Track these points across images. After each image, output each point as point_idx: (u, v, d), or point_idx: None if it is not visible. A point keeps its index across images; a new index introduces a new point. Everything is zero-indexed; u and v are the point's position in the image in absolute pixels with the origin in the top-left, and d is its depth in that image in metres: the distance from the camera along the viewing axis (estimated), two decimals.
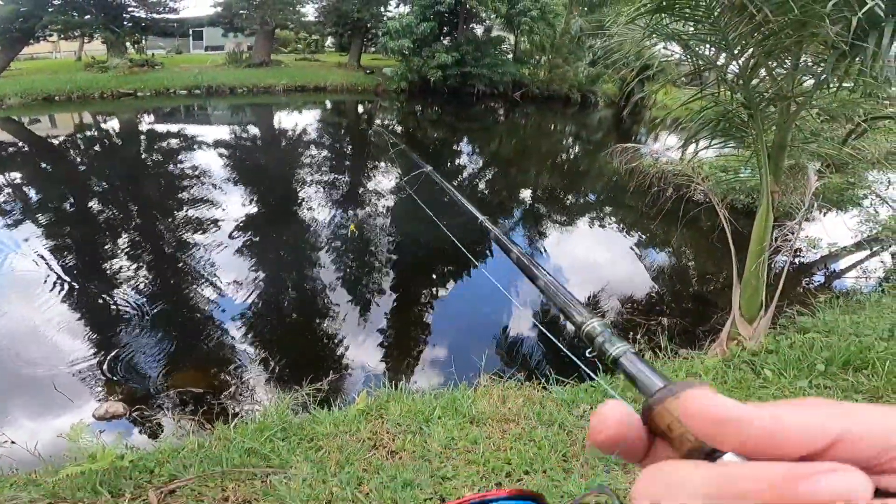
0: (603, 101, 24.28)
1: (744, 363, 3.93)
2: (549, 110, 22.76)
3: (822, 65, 3.45)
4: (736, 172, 6.37)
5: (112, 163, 12.37)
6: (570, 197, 11.65)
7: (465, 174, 12.86)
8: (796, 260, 7.40)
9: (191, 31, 31.74)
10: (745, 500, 0.22)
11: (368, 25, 26.54)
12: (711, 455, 0.26)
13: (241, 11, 23.99)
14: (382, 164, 12.69)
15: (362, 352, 5.15)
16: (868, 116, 4.13)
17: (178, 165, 12.02)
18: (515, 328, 5.80)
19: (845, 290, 6.43)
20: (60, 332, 5.11)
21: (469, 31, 24.29)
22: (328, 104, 22.20)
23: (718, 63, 3.84)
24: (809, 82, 3.74)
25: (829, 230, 7.94)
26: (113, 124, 16.64)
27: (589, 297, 6.42)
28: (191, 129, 15.66)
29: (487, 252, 7.51)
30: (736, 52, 3.49)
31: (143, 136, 15.01)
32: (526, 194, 11.69)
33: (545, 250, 8.26)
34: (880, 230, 7.72)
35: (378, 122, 19.67)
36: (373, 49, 30.15)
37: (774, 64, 3.69)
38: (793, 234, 4.28)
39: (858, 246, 7.75)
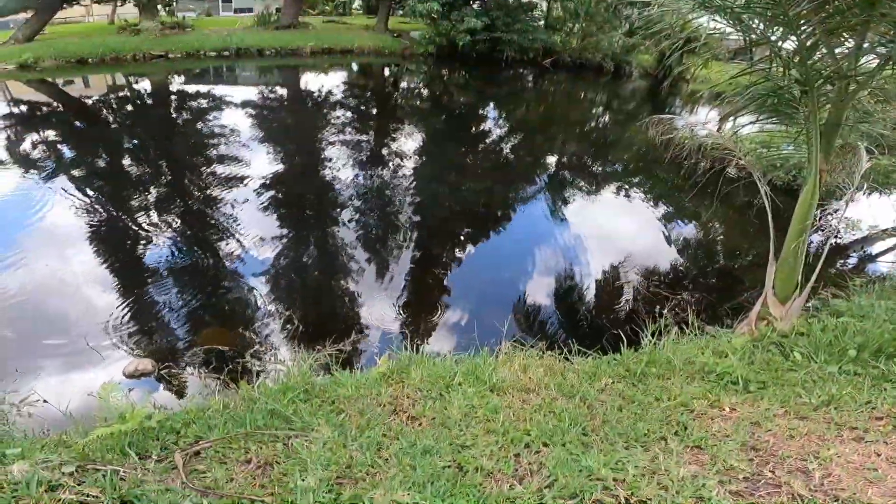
0: (637, 72, 23.46)
1: (772, 344, 3.81)
2: (581, 79, 22.09)
3: (888, 45, 3.26)
4: (778, 149, 6.12)
5: (144, 122, 12.51)
6: (597, 166, 11.40)
7: (490, 139, 12.65)
8: (833, 241, 7.15)
9: None
10: None
11: None
12: None
13: None
14: (407, 126, 12.55)
15: (384, 313, 5.17)
16: None
17: (208, 124, 12.08)
18: (537, 295, 5.76)
19: (882, 274, 6.19)
20: (93, 287, 5.23)
21: None
22: (354, 67, 21.93)
23: (773, 38, 3.65)
24: (869, 61, 3.54)
25: (870, 212, 7.60)
26: (145, 85, 16.78)
27: (614, 267, 6.32)
28: (220, 90, 15.70)
29: (511, 215, 7.40)
30: (796, 28, 3.30)
31: (173, 97, 15.10)
32: (552, 161, 11.47)
33: (570, 217, 8.13)
34: None
35: (404, 85, 19.39)
36: (400, 12, 29.41)
37: (836, 42, 3.50)
38: (840, 214, 4.10)
39: None
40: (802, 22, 3.31)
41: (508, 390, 3.04)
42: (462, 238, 7.08)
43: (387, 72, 21.91)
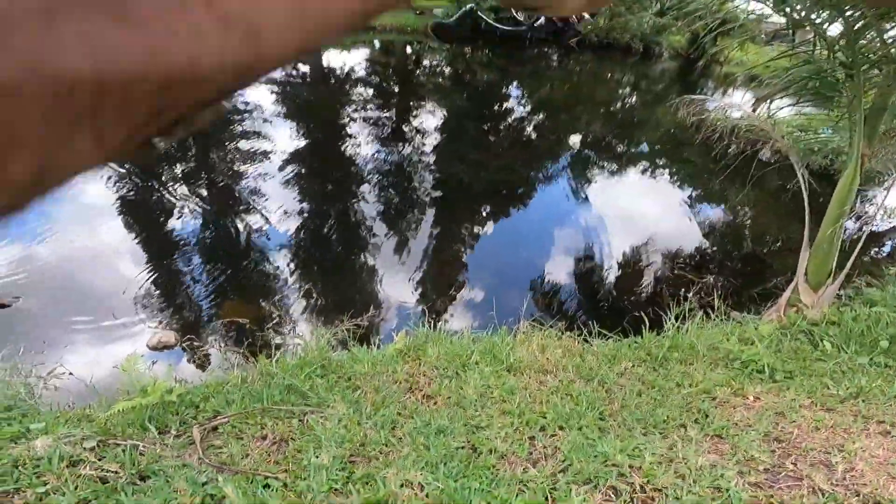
0: (668, 53, 22.79)
1: (801, 332, 3.70)
2: (608, 59, 21.55)
3: None
4: (816, 133, 5.92)
5: None
6: (622, 146, 11.15)
7: (513, 117, 12.45)
8: (870, 228, 6.91)
9: None
10: None
11: None
12: None
13: None
14: (429, 103, 12.42)
15: (402, 288, 5.16)
16: None
17: (230, 101, 12.09)
18: (557, 275, 5.68)
19: None
20: (120, 259, 5.31)
21: None
22: (376, 44, 21.71)
23: (817, 21, 3.51)
24: None
25: None
26: None
27: (637, 248, 6.20)
28: None
29: (533, 193, 7.29)
30: (844, 11, 3.17)
31: None
32: (575, 140, 11.25)
33: (593, 197, 7.99)
34: None
35: (426, 63, 19.17)
36: None
37: (888, 27, 3.35)
38: (881, 201, 3.96)
39: None
40: (849, 6, 3.17)
41: (525, 371, 3.00)
42: (482, 216, 7.01)
43: (409, 49, 21.67)
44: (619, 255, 6.08)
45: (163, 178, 7.31)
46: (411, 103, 13.20)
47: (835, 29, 3.44)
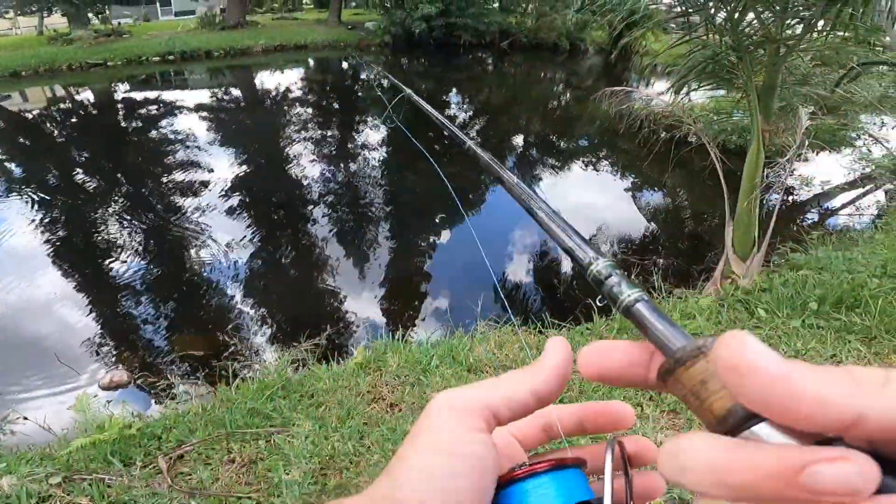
0: (592, 49, 23.68)
1: (737, 302, 3.92)
2: (539, 59, 22.19)
3: (811, 10, 3.38)
4: (728, 115, 6.30)
5: (92, 132, 12.07)
6: (562, 142, 11.52)
7: (456, 123, 12.57)
8: (790, 198, 7.39)
9: None
10: (746, 489, 0.20)
11: None
12: (744, 423, 0.23)
13: None
14: (370, 117, 12.45)
15: (359, 304, 5.17)
16: (861, 62, 4.08)
17: (161, 131, 11.72)
18: (512, 272, 5.84)
19: (838, 227, 6.44)
20: (59, 304, 5.11)
21: None
22: (311, 62, 21.56)
23: (706, 5, 3.76)
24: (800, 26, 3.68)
25: (823, 169, 7.88)
26: (87, 95, 16.13)
27: (586, 238, 6.42)
28: (169, 95, 15.20)
29: (483, 196, 7.42)
30: None
31: (120, 104, 14.58)
32: (518, 140, 11.55)
33: (542, 194, 8.21)
34: (874, 169, 7.69)
35: (364, 76, 19.18)
36: (353, 3, 29.02)
37: (762, 8, 3.62)
38: (784, 171, 4.26)
39: (852, 184, 7.74)
40: None
41: (485, 368, 3.09)
42: (436, 224, 7.10)
43: (345, 65, 21.63)
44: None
45: (97, 220, 7.04)
46: (353, 119, 13.19)
47: (723, 14, 3.64)
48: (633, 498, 0.33)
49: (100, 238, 6.47)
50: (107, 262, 5.87)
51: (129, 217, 7.08)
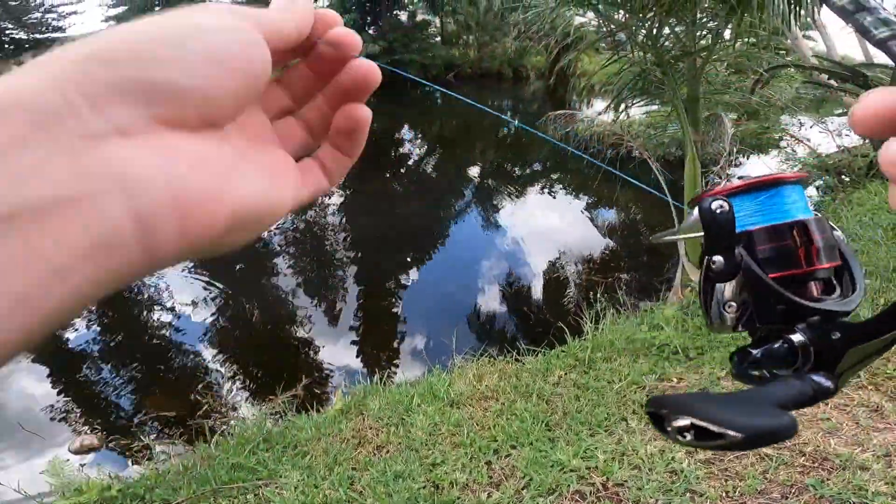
0: (534, 74, 24.54)
1: (699, 309, 4.05)
2: (485, 87, 22.82)
3: (715, 21, 3.67)
4: (663, 128, 6.64)
5: None
6: (517, 168, 11.82)
7: (411, 160, 12.81)
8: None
9: None
10: None
11: None
12: None
13: None
14: None
15: (333, 351, 5.14)
16: (769, 66, 4.41)
17: None
18: (483, 303, 5.90)
19: None
20: (15, 375, 4.93)
21: (393, 18, 23.93)
22: None
23: (628, 25, 4.00)
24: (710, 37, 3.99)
25: (755, 172, 8.34)
26: None
27: (551, 262, 6.56)
28: None
29: (447, 231, 7.49)
30: (641, 13, 3.64)
31: None
32: (475, 171, 11.77)
33: (502, 222, 8.38)
34: (801, 168, 8.21)
35: None
36: None
37: (675, 22, 3.87)
38: (721, 178, 4.53)
39: None
40: (645, 5, 3.64)
41: (467, 402, 3.10)
42: (403, 264, 7.12)
43: None
44: (536, 273, 6.43)
45: None
46: None
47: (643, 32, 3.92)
48: None
49: None
50: (65, 334, 5.66)
51: None
